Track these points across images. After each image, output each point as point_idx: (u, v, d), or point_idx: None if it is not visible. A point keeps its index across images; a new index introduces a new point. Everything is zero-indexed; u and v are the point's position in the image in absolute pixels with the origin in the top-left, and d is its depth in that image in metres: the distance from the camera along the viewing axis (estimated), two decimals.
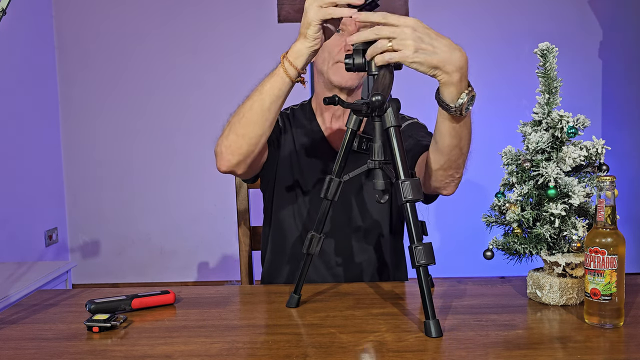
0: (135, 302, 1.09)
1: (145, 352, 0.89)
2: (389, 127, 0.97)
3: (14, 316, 1.08)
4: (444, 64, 0.99)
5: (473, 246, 3.47)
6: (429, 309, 0.92)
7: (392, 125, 0.97)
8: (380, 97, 0.92)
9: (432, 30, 0.99)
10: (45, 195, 3.43)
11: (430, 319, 0.92)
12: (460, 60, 1.01)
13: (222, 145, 1.19)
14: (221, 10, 3.56)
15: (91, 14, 3.56)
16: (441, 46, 0.98)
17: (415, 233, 0.94)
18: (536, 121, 1.09)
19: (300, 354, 0.86)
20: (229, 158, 1.19)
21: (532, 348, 0.87)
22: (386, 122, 0.97)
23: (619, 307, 0.94)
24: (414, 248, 0.93)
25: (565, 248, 1.08)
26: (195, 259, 3.68)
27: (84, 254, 3.67)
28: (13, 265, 2.45)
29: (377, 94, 0.93)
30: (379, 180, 1.00)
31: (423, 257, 0.92)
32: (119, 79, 3.59)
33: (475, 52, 3.54)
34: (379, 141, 0.99)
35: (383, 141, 0.99)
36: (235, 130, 1.17)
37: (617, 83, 3.59)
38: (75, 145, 3.62)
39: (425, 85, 3.51)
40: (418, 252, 0.93)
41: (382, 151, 0.99)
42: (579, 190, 1.04)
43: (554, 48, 1.07)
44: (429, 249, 0.93)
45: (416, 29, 0.96)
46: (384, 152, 0.99)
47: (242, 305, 1.14)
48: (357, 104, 0.96)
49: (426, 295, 0.92)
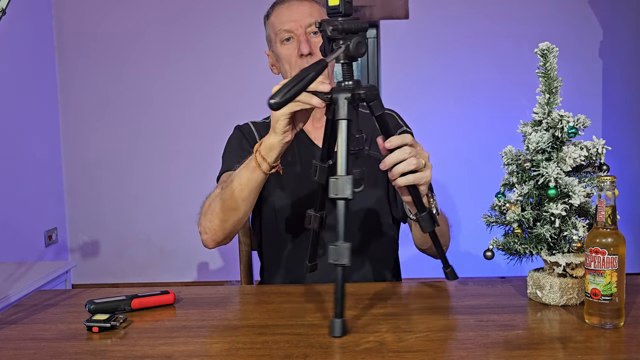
0: (135, 302, 1.09)
1: (145, 352, 0.89)
2: (338, 119, 0.96)
3: (14, 316, 1.08)
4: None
5: (473, 246, 3.48)
6: (337, 308, 0.92)
7: (342, 119, 0.96)
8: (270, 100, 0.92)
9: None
10: (45, 195, 3.42)
11: (337, 318, 0.92)
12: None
13: (207, 228, 1.25)
14: (221, 10, 3.56)
15: (91, 14, 3.56)
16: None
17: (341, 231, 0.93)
18: (536, 121, 1.09)
19: (300, 354, 0.86)
20: (214, 239, 1.26)
21: (533, 348, 0.87)
22: (337, 113, 0.96)
23: (619, 307, 0.94)
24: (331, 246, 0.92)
25: (565, 248, 1.08)
26: (195, 259, 3.67)
27: (84, 254, 3.67)
28: (13, 265, 2.45)
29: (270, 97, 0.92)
30: (355, 169, 0.99)
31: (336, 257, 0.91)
32: (119, 79, 3.59)
33: (475, 52, 3.56)
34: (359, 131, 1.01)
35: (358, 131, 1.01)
36: (218, 216, 1.22)
37: (617, 83, 3.59)
38: (75, 145, 3.62)
39: (427, 86, 3.49)
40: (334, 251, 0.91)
41: (361, 140, 1.00)
42: (579, 190, 1.03)
43: (554, 48, 1.06)
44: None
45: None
46: (357, 141, 1.00)
47: (242, 305, 1.14)
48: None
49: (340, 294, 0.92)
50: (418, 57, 3.56)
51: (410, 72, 3.56)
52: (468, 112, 3.57)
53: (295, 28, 1.33)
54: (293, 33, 1.33)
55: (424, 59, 3.56)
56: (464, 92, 3.56)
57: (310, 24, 1.33)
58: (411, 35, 3.56)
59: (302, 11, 1.34)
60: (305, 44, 1.31)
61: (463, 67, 3.55)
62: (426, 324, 0.99)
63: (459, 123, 3.57)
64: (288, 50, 1.33)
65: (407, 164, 1.01)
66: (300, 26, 1.32)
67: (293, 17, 1.33)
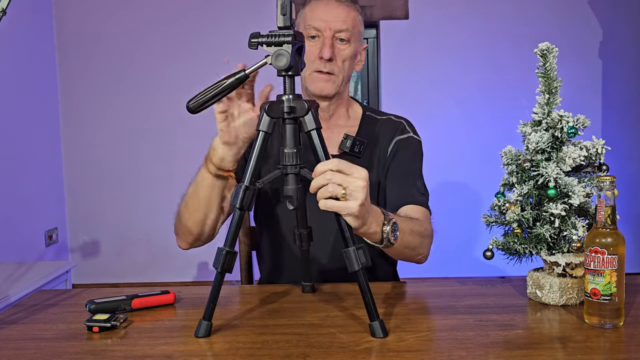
0: (135, 302, 1.09)
1: (145, 352, 0.89)
2: (310, 130, 0.95)
3: (14, 316, 1.08)
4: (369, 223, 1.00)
5: (473, 246, 3.48)
6: (373, 310, 0.92)
7: (314, 128, 0.95)
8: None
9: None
10: (45, 195, 3.43)
11: (377, 320, 0.92)
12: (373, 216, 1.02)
13: (175, 229, 1.30)
14: (222, 11, 3.56)
15: (91, 14, 3.56)
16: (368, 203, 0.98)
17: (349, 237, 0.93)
18: (536, 121, 1.09)
19: (300, 354, 0.86)
20: (184, 239, 1.29)
21: (532, 348, 0.87)
22: (306, 125, 0.95)
23: (618, 307, 0.94)
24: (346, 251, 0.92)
25: (565, 248, 1.08)
26: (195, 259, 3.68)
27: (84, 254, 3.67)
28: (13, 265, 2.45)
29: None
30: (288, 186, 0.97)
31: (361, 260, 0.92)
32: (119, 79, 3.59)
33: (475, 52, 3.56)
34: (292, 146, 0.96)
35: (296, 145, 0.96)
36: (181, 217, 1.26)
37: (617, 83, 3.59)
38: (75, 145, 3.62)
39: (430, 86, 3.49)
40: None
41: (297, 156, 0.96)
42: (579, 190, 1.04)
43: (554, 48, 1.07)
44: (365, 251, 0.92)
45: (366, 184, 0.94)
46: (298, 157, 0.96)
47: (242, 305, 1.14)
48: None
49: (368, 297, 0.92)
50: (418, 57, 3.56)
51: (410, 72, 3.56)
52: (468, 112, 3.57)
53: (324, 29, 1.30)
54: (321, 33, 1.31)
55: (423, 59, 3.56)
56: (464, 92, 3.56)
57: (340, 30, 1.30)
58: (411, 35, 3.56)
59: (336, 14, 1.31)
60: (328, 49, 1.29)
61: (463, 67, 3.55)
62: (426, 324, 0.99)
63: (458, 123, 3.57)
64: (311, 48, 1.31)
65: (323, 191, 0.93)
66: (329, 28, 1.30)
67: (326, 17, 1.31)
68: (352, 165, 0.94)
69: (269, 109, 0.96)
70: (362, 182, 0.93)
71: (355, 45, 1.35)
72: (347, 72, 1.35)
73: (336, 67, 1.32)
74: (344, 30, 1.31)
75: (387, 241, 1.04)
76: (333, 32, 1.30)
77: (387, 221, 1.03)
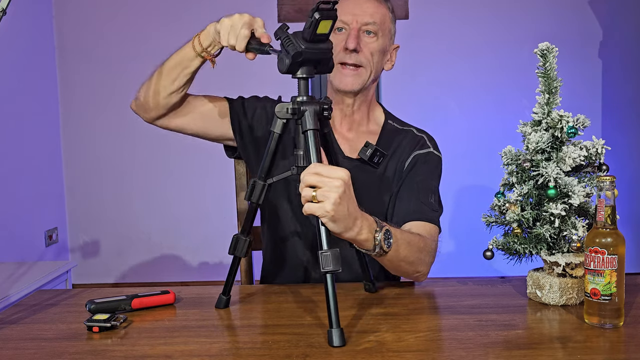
0: (135, 302, 1.09)
1: (145, 352, 0.89)
2: (306, 130, 0.97)
3: (14, 316, 1.08)
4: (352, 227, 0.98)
5: (473, 246, 3.48)
6: (333, 317, 0.89)
7: (310, 129, 0.96)
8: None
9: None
10: (45, 195, 3.42)
11: (334, 328, 0.89)
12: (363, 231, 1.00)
13: (137, 94, 1.37)
14: (222, 10, 3.55)
15: (91, 15, 3.56)
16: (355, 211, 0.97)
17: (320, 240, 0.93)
18: (536, 121, 1.09)
19: (300, 354, 0.87)
20: (140, 104, 1.36)
21: (532, 348, 0.87)
22: (305, 124, 0.97)
23: (618, 307, 0.94)
24: (321, 254, 0.91)
25: (565, 248, 1.08)
26: (195, 259, 3.67)
27: (84, 254, 3.67)
28: (13, 265, 2.45)
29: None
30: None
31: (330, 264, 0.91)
32: (119, 79, 3.58)
33: (475, 52, 3.56)
34: (303, 149, 0.99)
35: (308, 148, 0.98)
36: (148, 83, 1.34)
37: (617, 83, 3.58)
38: (75, 145, 3.62)
39: (434, 88, 3.48)
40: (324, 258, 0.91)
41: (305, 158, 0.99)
42: (579, 190, 1.04)
43: (554, 48, 1.07)
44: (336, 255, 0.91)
45: (341, 184, 0.92)
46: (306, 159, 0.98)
47: (242, 305, 1.14)
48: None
49: (331, 303, 0.90)
50: (418, 57, 3.56)
51: (410, 72, 3.56)
52: (468, 112, 3.57)
53: (351, 22, 1.30)
54: (348, 25, 1.30)
55: (423, 59, 3.56)
56: (464, 92, 3.56)
57: (367, 23, 1.29)
58: (411, 35, 3.55)
59: (365, 9, 1.30)
60: (353, 39, 1.28)
61: (462, 67, 3.55)
62: (426, 324, 0.99)
63: (458, 123, 3.57)
64: (336, 39, 1.29)
65: (303, 193, 0.94)
66: (356, 21, 1.29)
67: (355, 10, 1.30)
68: (331, 167, 0.94)
69: (278, 109, 1.01)
70: (337, 182, 0.92)
71: (383, 40, 1.33)
72: (376, 67, 1.34)
73: (363, 58, 1.30)
74: (371, 24, 1.30)
75: (379, 248, 1.03)
76: (360, 25, 1.29)
77: (380, 228, 1.02)
